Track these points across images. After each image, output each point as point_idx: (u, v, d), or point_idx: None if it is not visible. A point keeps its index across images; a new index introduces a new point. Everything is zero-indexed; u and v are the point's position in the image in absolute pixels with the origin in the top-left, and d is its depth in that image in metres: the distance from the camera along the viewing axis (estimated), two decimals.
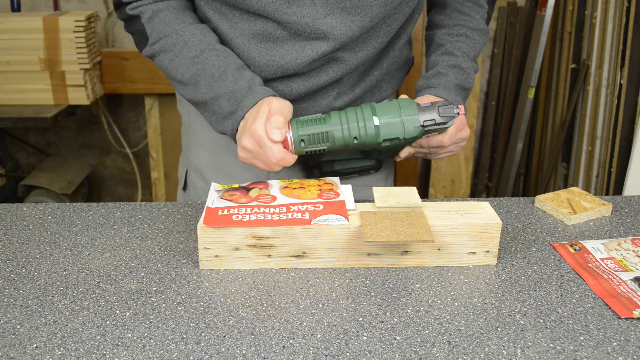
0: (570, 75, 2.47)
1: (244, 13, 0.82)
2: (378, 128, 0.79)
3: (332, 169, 0.93)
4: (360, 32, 0.82)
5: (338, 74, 0.86)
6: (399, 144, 0.82)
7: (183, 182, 1.06)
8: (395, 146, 0.83)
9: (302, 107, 0.90)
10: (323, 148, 0.80)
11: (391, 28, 0.86)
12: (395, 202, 0.76)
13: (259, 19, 0.82)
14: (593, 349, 0.59)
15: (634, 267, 0.73)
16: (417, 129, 0.80)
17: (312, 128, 0.79)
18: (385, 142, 0.80)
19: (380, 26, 0.85)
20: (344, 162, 0.93)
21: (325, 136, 0.80)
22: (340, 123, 0.80)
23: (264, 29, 0.82)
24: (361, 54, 0.86)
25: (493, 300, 0.67)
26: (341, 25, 0.80)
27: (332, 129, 0.79)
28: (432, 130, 0.81)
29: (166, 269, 0.74)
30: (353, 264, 0.74)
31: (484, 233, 0.73)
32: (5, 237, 0.82)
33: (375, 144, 0.80)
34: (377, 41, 0.86)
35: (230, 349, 0.59)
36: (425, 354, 0.59)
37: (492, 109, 2.83)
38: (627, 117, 2.12)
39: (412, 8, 0.88)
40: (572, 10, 2.43)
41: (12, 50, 2.26)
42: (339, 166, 0.93)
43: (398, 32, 0.90)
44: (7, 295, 0.68)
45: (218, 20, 0.85)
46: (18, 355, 0.59)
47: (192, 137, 1.01)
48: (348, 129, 0.79)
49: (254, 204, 0.76)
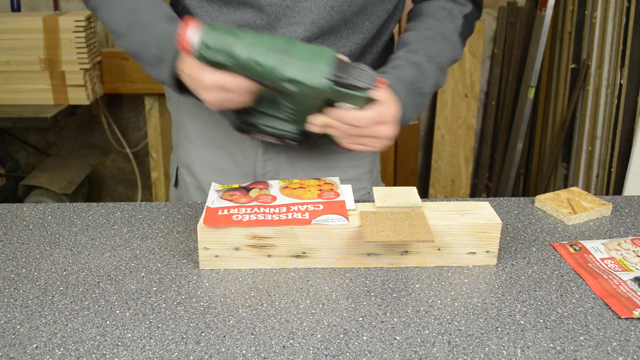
0: (570, 75, 2.47)
1: (223, 5, 0.84)
2: (284, 62, 0.72)
3: (251, 120, 0.84)
4: (340, 18, 0.83)
5: None
6: (309, 100, 0.75)
7: (174, 179, 1.07)
8: (304, 103, 0.76)
9: None
10: (225, 63, 0.74)
11: (373, 24, 0.87)
12: (395, 202, 0.76)
13: (238, 9, 0.83)
14: (593, 349, 0.59)
15: (634, 267, 0.73)
16: (324, 81, 0.72)
17: (220, 36, 0.73)
18: (287, 82, 0.73)
19: (363, 22, 0.86)
20: (266, 117, 0.84)
21: (230, 50, 0.73)
22: (251, 42, 0.73)
23: (243, 19, 0.83)
24: (344, 49, 0.86)
25: (493, 300, 0.67)
26: (319, 10, 0.81)
27: (240, 43, 0.73)
28: (343, 93, 0.73)
29: (166, 269, 0.74)
30: (353, 264, 0.74)
31: (484, 233, 0.73)
32: (5, 237, 0.82)
33: (277, 80, 0.73)
34: (359, 37, 0.87)
35: (230, 349, 0.59)
36: (425, 354, 0.59)
37: (492, 109, 2.83)
38: (627, 117, 2.12)
39: (394, 5, 0.89)
40: (572, 10, 2.43)
41: (12, 50, 2.26)
42: (259, 119, 0.84)
43: (380, 29, 0.90)
44: (7, 295, 0.68)
45: (198, 12, 0.86)
46: (18, 355, 0.59)
47: (181, 133, 1.01)
48: (255, 51, 0.72)
49: (254, 204, 0.76)
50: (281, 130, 0.84)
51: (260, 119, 0.84)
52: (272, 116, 0.83)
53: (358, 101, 0.75)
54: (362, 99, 0.74)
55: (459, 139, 2.81)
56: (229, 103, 0.78)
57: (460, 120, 2.78)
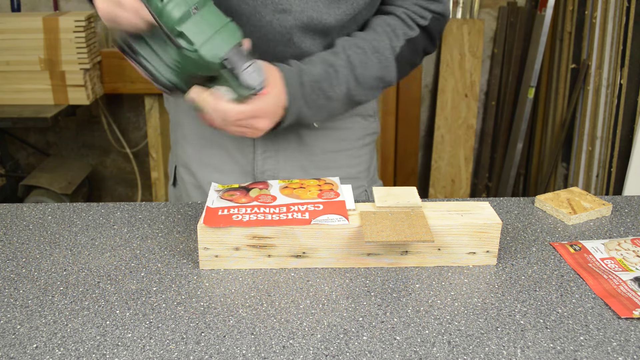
0: (570, 75, 2.47)
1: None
2: (187, 15, 0.68)
3: (134, 45, 0.77)
4: (333, 21, 0.83)
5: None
6: (194, 64, 0.71)
7: (173, 178, 1.07)
8: (189, 64, 0.72)
9: None
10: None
11: (359, 27, 0.87)
12: (395, 202, 0.76)
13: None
14: (593, 349, 0.59)
15: (634, 267, 0.73)
16: (216, 58, 0.69)
17: None
18: (180, 37, 0.69)
19: (351, 25, 0.86)
20: (151, 52, 0.77)
21: None
22: None
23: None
24: (329, 47, 0.86)
25: (493, 300, 0.67)
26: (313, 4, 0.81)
27: None
28: (226, 79, 0.71)
29: (166, 269, 0.74)
30: (353, 264, 0.74)
31: (484, 233, 0.73)
32: (5, 237, 0.82)
33: (171, 28, 0.69)
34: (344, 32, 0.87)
35: (230, 349, 0.59)
36: (425, 354, 0.59)
37: (492, 109, 2.83)
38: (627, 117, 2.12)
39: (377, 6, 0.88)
40: (572, 10, 2.43)
41: (12, 50, 2.26)
42: (143, 50, 0.77)
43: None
44: (7, 295, 0.68)
45: None
46: (18, 355, 0.59)
47: (179, 132, 1.01)
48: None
49: (254, 204, 0.76)
50: (158, 72, 0.79)
51: (144, 49, 0.78)
52: (156, 54, 0.78)
53: (236, 92, 0.73)
54: (241, 94, 0.73)
55: (459, 139, 2.81)
56: (118, 19, 0.73)
57: (460, 120, 2.78)
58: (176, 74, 0.77)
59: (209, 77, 0.74)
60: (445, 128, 2.80)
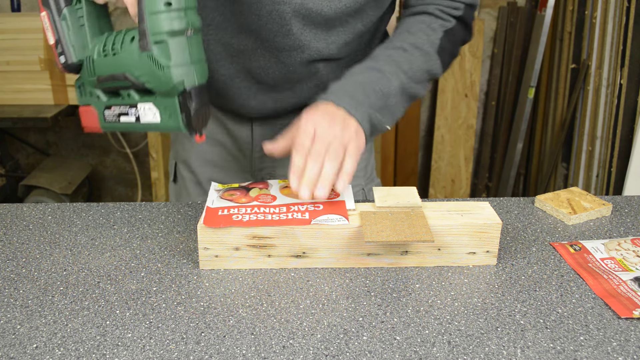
0: (570, 75, 2.47)
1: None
2: (179, 31, 0.66)
3: (60, 12, 0.73)
4: (334, 15, 0.82)
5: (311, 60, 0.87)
6: (137, 71, 0.69)
7: (173, 175, 1.07)
8: (128, 68, 0.69)
9: (282, 97, 0.90)
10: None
11: (365, 26, 0.87)
12: (395, 202, 0.76)
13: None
14: (593, 349, 0.59)
15: (634, 267, 0.73)
16: (179, 84, 0.67)
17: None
18: (158, 46, 0.66)
19: (356, 22, 0.86)
20: (77, 28, 0.74)
21: None
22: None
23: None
24: (332, 45, 0.86)
25: (493, 300, 0.67)
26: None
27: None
28: (151, 99, 0.70)
29: (166, 269, 0.74)
30: (353, 264, 0.74)
31: (484, 233, 0.73)
32: (5, 237, 0.82)
33: (153, 32, 0.66)
34: (349, 36, 0.86)
35: (230, 349, 0.59)
36: (425, 354, 0.59)
37: (492, 109, 2.83)
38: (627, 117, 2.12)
39: (386, 7, 0.88)
40: (572, 10, 2.43)
41: (12, 50, 2.26)
42: (70, 24, 0.73)
43: (371, 30, 0.90)
44: (7, 295, 0.68)
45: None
46: (18, 355, 0.59)
47: None
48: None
49: (254, 204, 0.76)
50: (71, 44, 0.74)
51: (72, 14, 0.73)
52: (85, 27, 0.74)
53: (162, 120, 0.71)
54: (168, 125, 0.71)
55: (459, 139, 2.81)
56: None
57: (460, 120, 2.78)
58: (97, 62, 0.73)
59: (124, 85, 0.71)
60: (445, 128, 2.80)
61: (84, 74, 0.75)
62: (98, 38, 0.73)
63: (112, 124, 0.76)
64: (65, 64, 0.75)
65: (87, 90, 0.76)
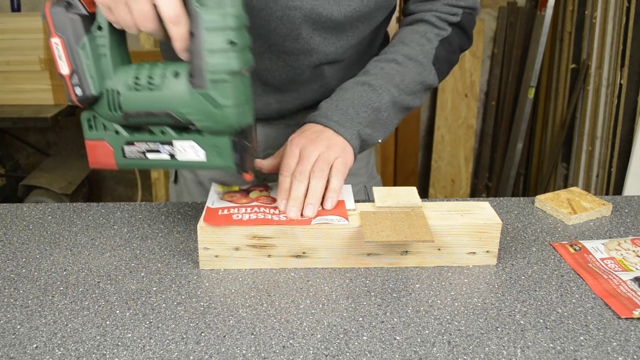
0: (570, 75, 2.47)
1: None
2: (238, 71, 0.63)
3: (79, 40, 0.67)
4: (344, 19, 0.82)
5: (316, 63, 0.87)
6: (183, 108, 0.66)
7: (174, 175, 1.08)
8: (173, 105, 0.66)
9: (287, 99, 0.91)
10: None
11: (370, 28, 0.87)
12: (395, 202, 0.76)
13: None
14: (593, 349, 0.59)
15: (634, 267, 0.73)
16: (237, 123, 0.66)
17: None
18: (215, 86, 0.64)
19: (365, 26, 0.86)
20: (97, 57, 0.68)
21: None
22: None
23: None
24: (340, 49, 0.86)
25: (493, 300, 0.67)
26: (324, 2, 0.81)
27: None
28: (190, 136, 0.68)
29: (166, 269, 0.74)
30: (353, 264, 0.74)
31: (484, 233, 0.73)
32: (5, 237, 0.82)
33: (212, 71, 0.63)
34: (355, 39, 0.86)
35: (230, 349, 0.59)
36: (425, 354, 0.59)
37: (492, 109, 2.83)
38: (627, 117, 2.12)
39: (391, 10, 0.88)
40: (572, 10, 2.43)
41: (12, 50, 2.26)
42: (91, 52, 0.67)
43: (375, 32, 0.90)
44: (7, 295, 0.68)
45: None
46: (18, 355, 0.59)
47: None
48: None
49: (254, 204, 0.76)
50: (91, 74, 0.69)
51: (93, 41, 0.67)
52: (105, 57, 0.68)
53: (209, 159, 0.70)
54: (214, 163, 0.70)
55: (459, 139, 2.81)
56: (120, 10, 0.64)
57: (460, 120, 2.79)
58: (125, 96, 0.67)
59: (159, 121, 0.68)
60: (445, 128, 2.80)
61: (101, 107, 0.69)
62: (121, 69, 0.68)
63: (134, 160, 0.71)
64: (82, 97, 0.68)
65: (99, 124, 0.71)
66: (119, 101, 0.68)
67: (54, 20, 0.66)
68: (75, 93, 0.68)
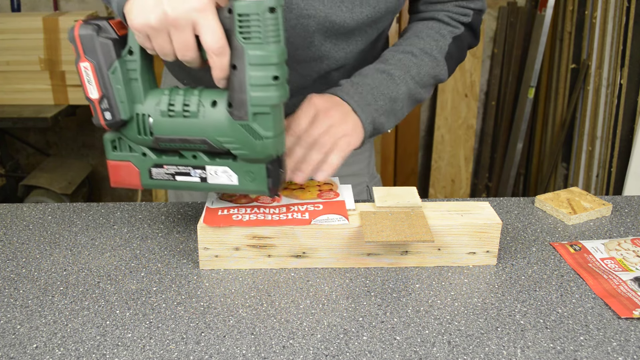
0: (570, 75, 2.47)
1: None
2: (278, 104, 0.65)
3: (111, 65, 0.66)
4: (355, 24, 0.82)
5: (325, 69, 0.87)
6: (219, 135, 0.67)
7: None
8: (208, 132, 0.67)
9: (293, 102, 0.91)
10: None
11: (378, 31, 0.87)
12: (395, 202, 0.76)
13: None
14: (593, 349, 0.59)
15: (634, 267, 0.73)
16: (276, 151, 0.68)
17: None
18: (257, 117, 0.65)
19: (373, 30, 0.85)
20: (132, 81, 0.68)
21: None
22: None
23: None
24: (350, 54, 0.86)
25: (493, 300, 0.67)
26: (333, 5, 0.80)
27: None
28: (227, 164, 0.69)
29: (166, 269, 0.74)
30: (353, 264, 0.74)
31: (484, 233, 0.73)
32: (5, 237, 0.82)
33: (255, 103, 0.64)
34: (363, 43, 0.87)
35: (230, 349, 0.59)
36: (425, 354, 0.59)
37: (492, 109, 2.83)
38: (627, 117, 2.12)
39: (396, 13, 0.88)
40: (572, 10, 2.43)
41: (12, 50, 2.26)
42: (122, 78, 0.67)
43: (380, 34, 0.91)
44: (7, 295, 0.68)
45: None
46: (18, 355, 0.59)
47: None
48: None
49: (254, 204, 0.76)
50: (121, 99, 0.68)
51: (125, 66, 0.67)
52: (137, 82, 0.68)
53: (242, 183, 0.71)
54: (247, 187, 0.71)
55: (459, 139, 2.81)
56: (160, 39, 0.64)
57: (460, 120, 2.79)
58: (157, 122, 0.68)
59: (194, 147, 0.69)
60: (445, 128, 2.80)
61: (130, 131, 0.69)
62: (151, 93, 0.68)
63: (161, 181, 0.72)
64: (111, 121, 0.68)
65: (124, 145, 0.71)
66: (149, 126, 0.68)
67: (84, 44, 0.65)
68: (104, 117, 0.68)
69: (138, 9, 0.62)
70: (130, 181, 0.73)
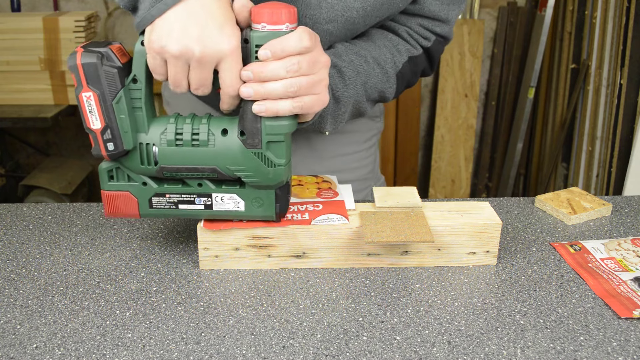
0: (570, 75, 2.47)
1: None
2: (288, 133, 0.65)
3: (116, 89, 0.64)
4: (354, 29, 0.79)
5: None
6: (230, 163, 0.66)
7: None
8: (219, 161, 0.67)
9: None
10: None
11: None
12: (395, 202, 0.76)
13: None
14: (593, 349, 0.59)
15: (634, 267, 0.73)
16: (286, 177, 0.68)
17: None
18: (270, 145, 0.65)
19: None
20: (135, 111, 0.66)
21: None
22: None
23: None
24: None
25: (493, 300, 0.67)
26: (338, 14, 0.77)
27: None
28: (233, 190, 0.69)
29: (166, 269, 0.74)
30: (353, 264, 0.74)
31: (484, 233, 0.73)
32: (5, 237, 0.82)
33: (269, 132, 0.64)
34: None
35: (230, 349, 0.59)
36: (425, 354, 0.59)
37: (492, 109, 2.83)
38: (627, 117, 2.12)
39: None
40: (572, 10, 2.43)
41: (12, 50, 2.26)
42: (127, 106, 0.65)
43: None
44: (7, 295, 0.68)
45: None
46: (18, 355, 0.59)
47: None
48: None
49: None
50: (126, 128, 0.66)
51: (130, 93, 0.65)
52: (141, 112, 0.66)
53: (248, 208, 0.70)
54: (253, 214, 0.70)
55: (459, 139, 2.81)
56: (177, 74, 0.62)
57: (460, 120, 2.78)
58: (163, 151, 0.66)
59: (201, 176, 0.68)
60: (445, 128, 2.80)
61: (131, 160, 0.67)
62: (155, 122, 0.67)
63: (161, 210, 0.71)
64: (114, 152, 0.66)
65: (122, 175, 0.69)
66: (153, 156, 0.67)
67: (87, 73, 0.63)
68: (107, 148, 0.66)
69: (162, 31, 0.60)
70: (128, 211, 0.71)
